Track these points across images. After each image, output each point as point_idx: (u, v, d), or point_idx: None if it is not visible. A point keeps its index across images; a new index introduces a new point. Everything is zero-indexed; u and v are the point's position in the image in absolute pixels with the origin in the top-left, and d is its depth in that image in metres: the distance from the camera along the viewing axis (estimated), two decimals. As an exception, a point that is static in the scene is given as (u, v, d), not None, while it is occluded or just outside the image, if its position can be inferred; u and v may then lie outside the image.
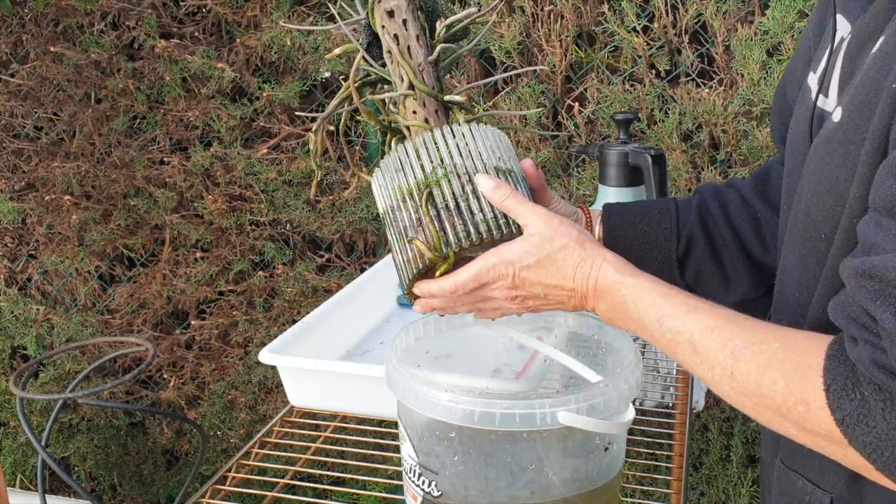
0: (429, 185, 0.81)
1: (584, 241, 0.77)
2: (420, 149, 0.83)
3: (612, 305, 0.75)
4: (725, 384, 0.66)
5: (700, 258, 0.92)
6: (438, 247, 0.79)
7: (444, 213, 0.80)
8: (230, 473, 1.07)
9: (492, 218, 0.80)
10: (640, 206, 0.95)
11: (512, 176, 0.83)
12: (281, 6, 2.00)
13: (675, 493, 1.03)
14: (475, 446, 0.77)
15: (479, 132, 0.84)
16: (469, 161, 0.82)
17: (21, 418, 1.06)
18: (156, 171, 2.15)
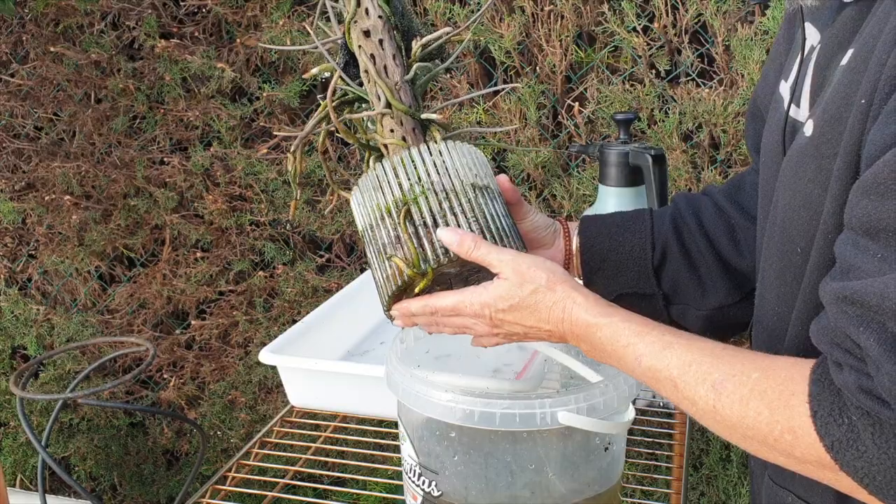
0: (406, 203, 0.82)
1: (555, 283, 0.77)
2: (398, 167, 0.84)
3: (591, 346, 0.75)
4: (709, 418, 0.66)
5: (676, 266, 0.92)
6: (417, 263, 0.80)
7: (422, 230, 0.80)
8: (230, 473, 1.07)
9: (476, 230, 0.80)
10: (616, 217, 0.96)
11: (488, 192, 0.83)
12: (281, 6, 1.99)
13: (676, 493, 1.03)
14: (475, 446, 0.77)
15: (456, 150, 0.84)
16: (446, 178, 0.82)
17: (21, 418, 1.06)
18: (156, 171, 2.15)
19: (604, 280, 0.93)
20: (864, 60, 0.63)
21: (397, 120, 0.88)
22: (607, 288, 0.92)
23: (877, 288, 0.55)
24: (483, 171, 0.85)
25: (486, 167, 0.87)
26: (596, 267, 0.93)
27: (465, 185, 0.82)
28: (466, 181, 0.82)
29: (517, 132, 1.93)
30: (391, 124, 0.89)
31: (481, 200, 0.82)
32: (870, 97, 0.60)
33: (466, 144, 0.87)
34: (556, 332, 0.77)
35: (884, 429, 0.55)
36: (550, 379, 1.04)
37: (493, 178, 0.87)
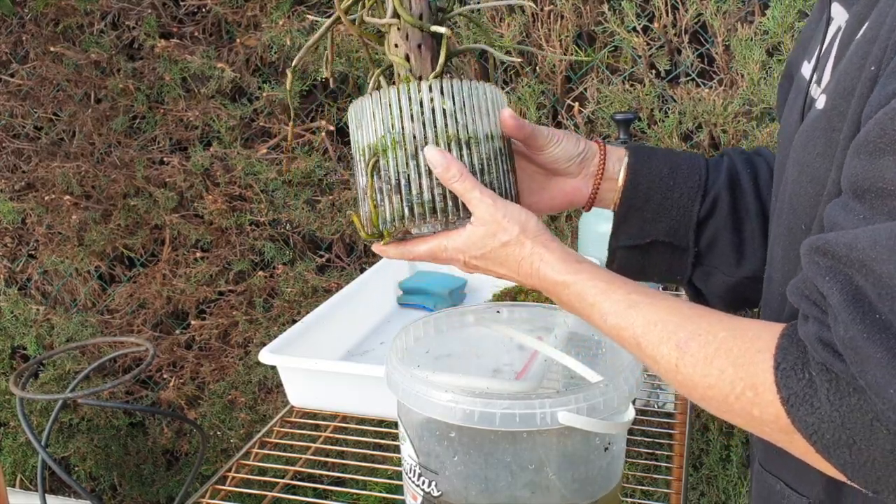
0: (376, 154, 0.77)
1: (526, 237, 0.76)
2: (375, 108, 0.77)
3: (560, 303, 0.75)
4: (671, 377, 0.65)
5: (720, 224, 0.87)
6: (375, 223, 0.77)
7: (385, 188, 0.76)
8: (230, 473, 1.07)
9: (438, 198, 0.76)
10: (670, 156, 0.89)
11: (482, 145, 0.77)
12: (281, 6, 1.99)
13: (676, 493, 1.03)
14: (475, 446, 0.76)
15: (451, 91, 0.77)
16: (429, 129, 0.75)
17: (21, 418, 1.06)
18: (156, 171, 2.15)
19: (640, 221, 0.88)
20: (876, 29, 0.61)
21: (403, 33, 0.79)
22: (641, 230, 0.88)
23: (847, 239, 0.54)
24: (482, 117, 0.78)
25: (488, 111, 0.79)
26: (636, 206, 0.87)
27: (447, 138, 0.76)
28: (453, 133, 0.76)
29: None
30: (396, 38, 0.80)
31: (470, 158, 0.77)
32: (878, 63, 0.59)
33: (470, 82, 0.78)
34: (527, 283, 0.77)
35: (839, 385, 0.54)
36: (550, 379, 1.04)
37: (496, 123, 0.80)
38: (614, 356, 0.88)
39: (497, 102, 0.81)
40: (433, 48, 0.81)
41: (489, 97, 0.80)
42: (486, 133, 0.79)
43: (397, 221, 0.77)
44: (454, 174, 0.76)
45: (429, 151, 0.76)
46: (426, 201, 0.77)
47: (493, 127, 0.79)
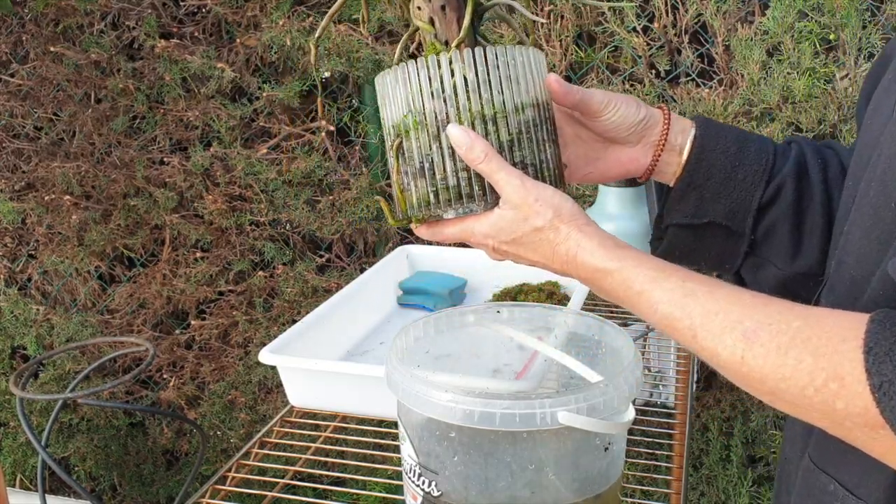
0: (399, 136, 0.72)
1: (561, 222, 0.71)
2: (396, 84, 0.71)
3: (600, 291, 0.71)
4: (734, 370, 0.61)
5: (781, 214, 0.82)
6: (404, 209, 0.73)
7: (410, 171, 0.72)
8: (230, 473, 1.07)
9: (464, 182, 0.71)
10: (738, 134, 0.84)
11: (520, 116, 0.71)
12: (281, 6, 1.99)
13: (676, 493, 1.03)
14: (475, 446, 0.76)
15: (475, 59, 0.70)
16: (446, 105, 0.69)
17: (21, 418, 1.06)
18: (156, 171, 2.15)
19: (697, 200, 0.83)
20: None
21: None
22: (698, 209, 0.83)
23: None
24: (512, 86, 0.71)
25: (518, 79, 0.72)
26: (697, 182, 0.82)
27: (472, 117, 0.70)
28: (477, 109, 0.69)
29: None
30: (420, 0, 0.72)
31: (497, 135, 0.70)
32: None
33: (496, 48, 0.71)
34: (561, 270, 0.73)
35: None
36: (550, 379, 1.04)
37: (538, 89, 0.73)
38: (614, 356, 0.88)
39: (530, 67, 0.74)
40: (459, 9, 0.74)
41: (520, 62, 0.73)
42: (517, 104, 0.73)
43: (423, 208, 0.73)
44: (478, 154, 0.71)
45: (451, 130, 0.71)
46: (451, 186, 0.73)
47: (524, 96, 0.73)
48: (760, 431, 1.97)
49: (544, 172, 0.76)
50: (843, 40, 1.71)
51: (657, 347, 1.50)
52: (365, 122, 2.08)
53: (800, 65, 1.72)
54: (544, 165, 0.75)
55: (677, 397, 1.29)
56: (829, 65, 1.72)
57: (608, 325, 0.87)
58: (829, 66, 1.72)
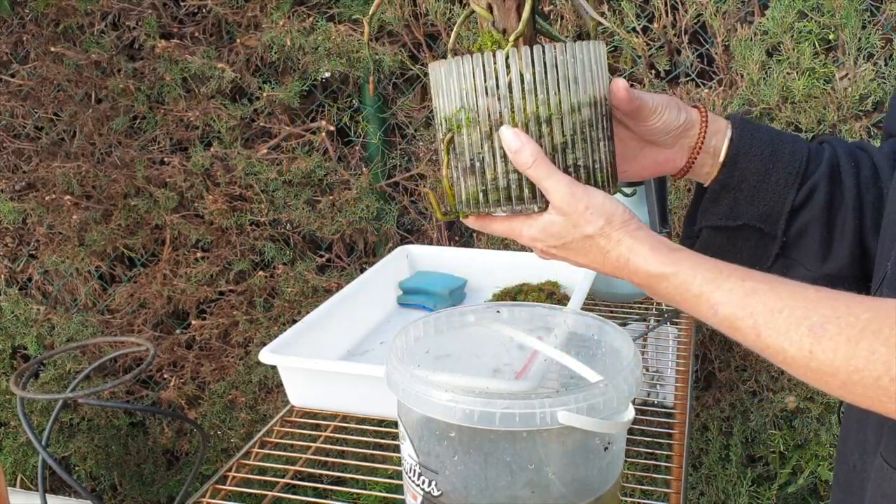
0: (451, 130, 0.70)
1: (612, 229, 0.71)
2: (450, 77, 0.69)
3: (655, 293, 0.71)
4: (802, 365, 0.60)
5: (814, 215, 0.82)
6: (452, 204, 0.72)
7: (461, 167, 0.70)
8: (230, 473, 1.07)
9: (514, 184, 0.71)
10: (773, 135, 0.83)
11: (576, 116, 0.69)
12: (281, 6, 2.00)
13: (675, 492, 1.03)
14: (475, 446, 0.77)
15: (532, 57, 0.68)
16: (500, 104, 0.67)
17: (21, 418, 1.06)
18: (156, 171, 2.15)
19: (731, 202, 0.83)
20: None
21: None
22: (733, 211, 0.83)
23: None
24: (570, 86, 0.69)
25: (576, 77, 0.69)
26: (731, 185, 0.82)
27: (527, 119, 0.68)
28: (531, 111, 0.68)
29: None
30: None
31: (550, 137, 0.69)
32: None
33: (555, 46, 0.68)
34: (613, 275, 0.73)
35: None
36: (550, 379, 1.04)
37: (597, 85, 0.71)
38: (614, 356, 0.88)
39: (590, 63, 0.72)
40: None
41: (579, 59, 0.71)
42: (573, 104, 0.71)
43: (472, 206, 0.72)
44: (526, 159, 0.70)
45: (503, 132, 0.70)
46: (501, 187, 0.72)
47: (581, 95, 0.71)
48: (760, 431, 1.97)
49: (597, 174, 0.75)
50: (842, 40, 1.71)
51: (656, 347, 1.50)
52: (365, 122, 2.08)
53: (799, 65, 1.72)
54: (597, 166, 0.74)
55: (677, 397, 1.29)
56: (829, 65, 1.72)
57: (608, 325, 0.87)
58: (828, 66, 1.72)
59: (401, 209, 2.12)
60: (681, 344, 1.44)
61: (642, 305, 1.59)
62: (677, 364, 1.40)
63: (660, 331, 1.48)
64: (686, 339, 1.45)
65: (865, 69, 1.70)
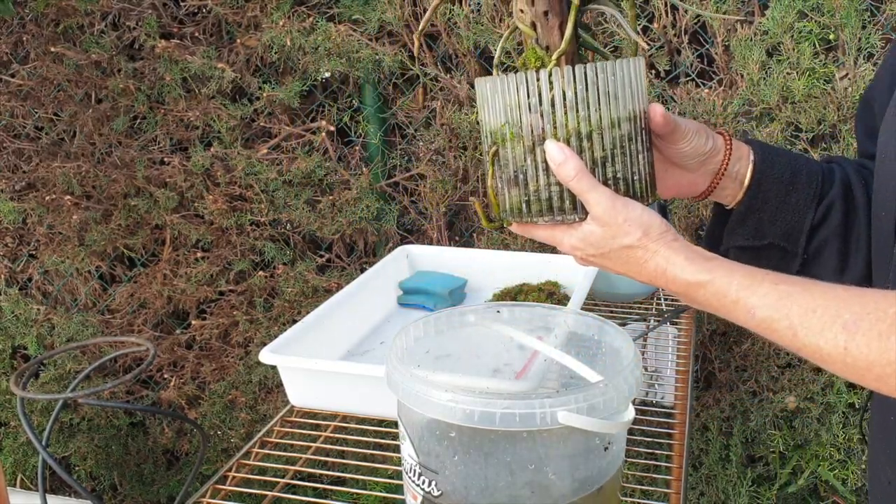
0: (496, 143, 0.73)
1: (649, 241, 0.74)
2: (496, 93, 0.72)
3: (693, 301, 0.74)
4: (838, 361, 0.63)
5: (831, 231, 0.87)
6: (497, 213, 0.75)
7: (505, 178, 0.74)
8: (230, 473, 1.07)
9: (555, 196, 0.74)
10: (791, 158, 0.88)
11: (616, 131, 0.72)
12: (281, 6, 2.00)
13: (675, 492, 1.03)
14: (475, 446, 0.77)
15: (574, 76, 0.70)
16: (543, 120, 0.70)
17: (22, 418, 1.06)
18: (156, 171, 2.15)
19: (756, 223, 0.87)
20: None
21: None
22: (758, 231, 0.87)
23: None
24: (610, 102, 0.72)
25: (616, 94, 0.72)
26: (756, 207, 0.87)
27: (569, 134, 0.71)
28: (573, 127, 0.70)
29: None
30: (522, 2, 0.72)
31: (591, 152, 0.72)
32: None
33: (596, 65, 0.71)
34: (651, 283, 0.76)
35: None
36: (550, 379, 1.04)
37: (636, 101, 0.73)
38: (614, 356, 0.88)
39: (629, 80, 0.75)
40: (562, 14, 0.74)
41: (619, 77, 0.73)
42: (613, 119, 0.74)
43: (515, 214, 0.75)
44: (569, 172, 0.74)
45: (548, 147, 0.74)
46: (543, 198, 0.75)
47: (621, 111, 0.74)
48: (760, 431, 1.97)
49: (635, 185, 0.77)
50: (842, 40, 1.71)
51: (655, 347, 1.50)
52: (365, 122, 2.08)
53: (799, 65, 1.72)
54: (636, 178, 0.77)
55: (677, 397, 1.29)
56: (829, 65, 1.72)
57: (608, 325, 0.87)
58: (828, 66, 1.72)
59: (401, 209, 2.12)
60: (681, 344, 1.45)
61: (642, 305, 1.59)
62: (677, 364, 1.40)
63: (660, 331, 1.48)
64: (686, 339, 1.45)
65: (865, 69, 1.70)
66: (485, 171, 0.78)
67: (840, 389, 1.89)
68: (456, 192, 2.04)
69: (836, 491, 1.97)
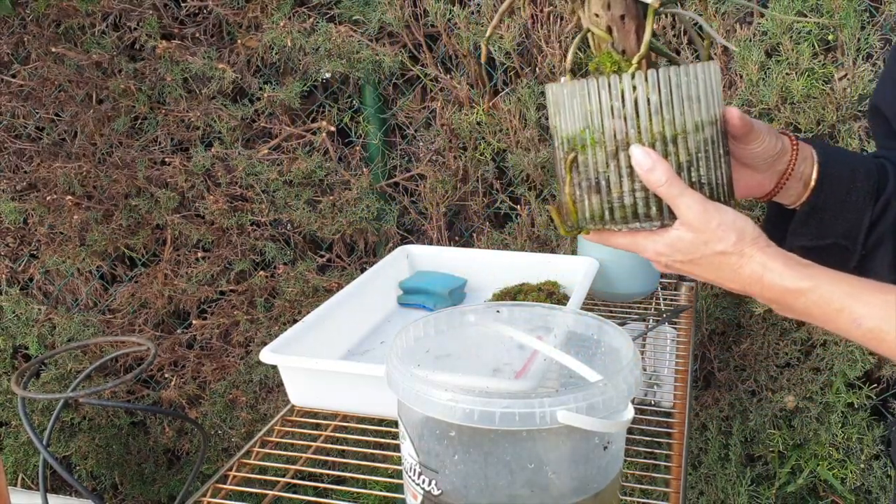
0: (574, 150, 0.71)
1: (744, 246, 0.72)
2: (573, 98, 0.70)
3: (789, 311, 0.73)
4: None
5: (887, 228, 0.86)
6: (575, 220, 0.73)
7: (584, 185, 0.71)
8: (231, 472, 1.07)
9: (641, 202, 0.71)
10: (849, 157, 0.88)
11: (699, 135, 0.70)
12: (281, 7, 2.00)
13: (675, 491, 1.04)
14: (475, 445, 0.77)
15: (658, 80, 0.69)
16: (626, 125, 0.69)
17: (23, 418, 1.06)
18: (157, 171, 2.16)
19: (819, 223, 0.87)
20: None
21: (604, 1, 0.71)
22: (821, 231, 0.87)
23: None
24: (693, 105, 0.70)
25: (699, 97, 0.71)
26: (819, 206, 0.86)
27: (653, 139, 0.69)
28: (658, 131, 0.69)
29: (517, 133, 1.93)
30: (597, 6, 0.73)
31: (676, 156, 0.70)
32: None
33: (678, 68, 0.70)
34: (740, 290, 0.75)
35: None
36: (550, 378, 1.04)
37: (716, 105, 0.72)
38: (613, 356, 0.89)
39: (710, 83, 0.74)
40: (638, 17, 0.73)
41: (700, 80, 0.72)
42: (696, 122, 0.72)
43: (597, 222, 0.73)
44: (659, 177, 0.72)
45: (634, 151, 0.72)
46: (627, 205, 0.73)
47: (704, 114, 0.73)
48: (759, 431, 1.98)
49: (718, 189, 0.76)
50: (841, 41, 1.72)
51: (651, 348, 1.50)
52: (365, 122, 2.08)
53: (798, 65, 1.73)
54: (719, 183, 0.76)
55: (676, 397, 1.30)
56: (828, 65, 1.73)
57: (607, 325, 0.87)
58: (827, 66, 1.72)
59: (401, 209, 2.12)
60: (680, 344, 1.45)
61: (641, 305, 1.60)
62: (676, 364, 1.40)
63: (659, 331, 1.48)
64: (685, 339, 1.46)
65: (864, 70, 1.70)
66: (560, 175, 0.74)
67: (839, 389, 1.89)
68: (456, 193, 2.05)
69: (834, 490, 1.97)
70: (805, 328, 1.89)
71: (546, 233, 1.98)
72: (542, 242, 2.00)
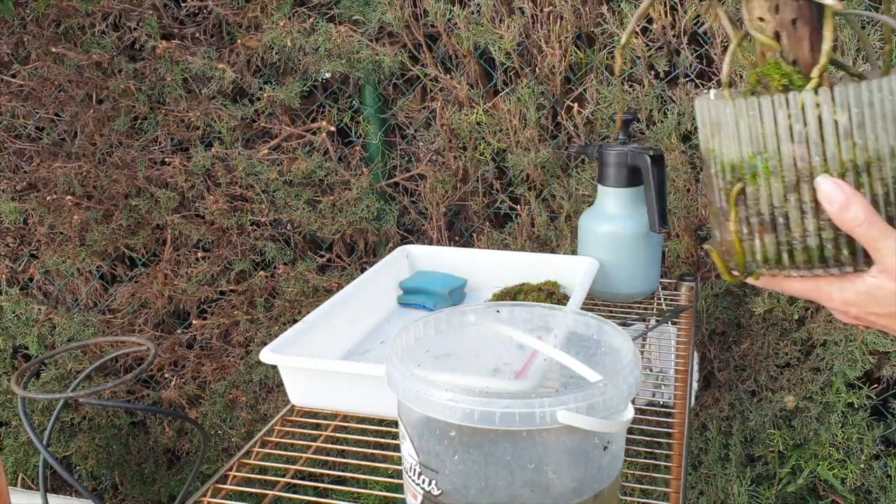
0: (741, 179, 0.61)
1: None
2: (740, 117, 0.59)
3: None
4: None
5: None
6: (741, 262, 0.63)
7: (755, 221, 0.61)
8: (231, 472, 1.07)
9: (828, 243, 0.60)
10: None
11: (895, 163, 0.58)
12: (281, 7, 2.00)
13: (675, 492, 1.04)
14: (475, 445, 0.77)
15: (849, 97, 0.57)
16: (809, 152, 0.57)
17: (23, 418, 1.07)
18: (157, 171, 2.16)
19: None
20: None
21: (772, 3, 0.59)
22: None
23: None
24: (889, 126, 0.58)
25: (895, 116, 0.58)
26: None
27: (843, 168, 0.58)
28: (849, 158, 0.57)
29: (517, 133, 1.93)
30: (762, 9, 0.60)
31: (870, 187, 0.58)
32: None
33: (871, 83, 0.58)
34: None
35: None
36: (550, 378, 1.04)
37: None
38: (613, 356, 0.89)
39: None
40: (813, 22, 0.61)
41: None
42: (893, 147, 0.59)
43: (771, 266, 0.63)
44: (855, 215, 0.60)
45: (822, 184, 0.60)
46: (812, 247, 0.61)
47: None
48: (759, 431, 1.98)
49: None
50: (841, 41, 1.72)
51: (657, 347, 1.50)
52: (365, 122, 2.08)
53: (799, 65, 1.73)
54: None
55: (676, 397, 1.30)
56: (828, 65, 1.72)
57: (607, 325, 0.87)
58: (827, 66, 1.72)
59: (401, 209, 2.12)
60: (680, 344, 1.45)
61: (642, 305, 1.60)
62: (676, 364, 1.40)
63: (659, 330, 1.48)
64: (686, 339, 1.46)
65: (863, 70, 1.70)
66: (719, 206, 0.63)
67: (839, 389, 1.89)
68: (456, 193, 2.05)
69: (834, 490, 1.97)
70: (805, 328, 1.89)
71: (546, 233, 1.98)
72: (542, 242, 2.00)
